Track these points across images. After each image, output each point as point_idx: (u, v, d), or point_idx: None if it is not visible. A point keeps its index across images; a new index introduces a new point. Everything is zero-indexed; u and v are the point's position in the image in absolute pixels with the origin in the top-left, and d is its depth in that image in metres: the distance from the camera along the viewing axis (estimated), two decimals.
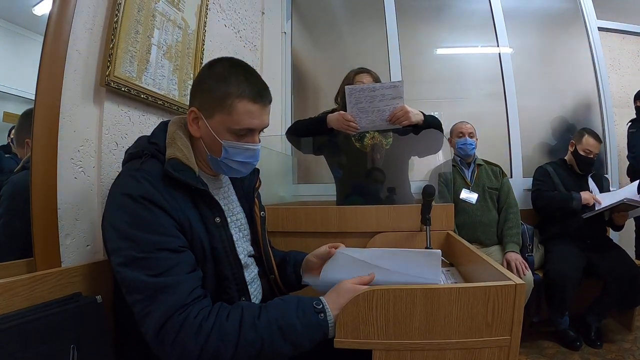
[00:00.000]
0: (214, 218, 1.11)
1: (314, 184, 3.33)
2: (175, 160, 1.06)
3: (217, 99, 1.07)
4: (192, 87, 1.17)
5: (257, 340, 0.92)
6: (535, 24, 3.72)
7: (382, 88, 1.90)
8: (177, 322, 0.89)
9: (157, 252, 0.94)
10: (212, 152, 1.14)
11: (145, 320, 0.92)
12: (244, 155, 1.14)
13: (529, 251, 2.72)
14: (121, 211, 0.98)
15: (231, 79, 1.08)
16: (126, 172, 1.06)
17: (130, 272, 0.93)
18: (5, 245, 1.14)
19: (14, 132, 1.24)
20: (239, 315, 0.95)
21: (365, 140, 2.25)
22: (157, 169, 1.05)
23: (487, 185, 2.78)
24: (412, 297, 0.92)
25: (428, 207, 1.67)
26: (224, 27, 2.39)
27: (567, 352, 2.46)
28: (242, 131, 1.10)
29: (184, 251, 1.00)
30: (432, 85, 3.69)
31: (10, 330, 0.90)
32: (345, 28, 3.87)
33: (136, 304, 0.93)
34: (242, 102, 1.07)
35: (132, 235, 0.95)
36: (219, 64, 1.13)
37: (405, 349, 0.94)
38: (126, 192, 0.98)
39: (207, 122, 1.10)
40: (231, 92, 1.07)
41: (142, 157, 1.08)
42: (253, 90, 1.09)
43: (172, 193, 1.03)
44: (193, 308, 0.92)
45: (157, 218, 0.98)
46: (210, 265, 1.09)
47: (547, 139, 3.63)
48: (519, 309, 0.92)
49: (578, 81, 3.64)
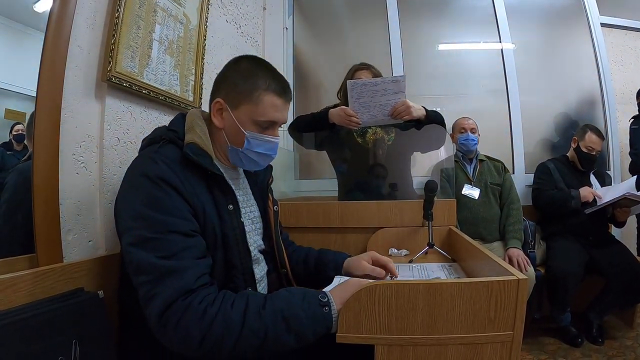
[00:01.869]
0: (227, 204, 1.13)
1: (315, 180, 3.32)
2: (194, 144, 1.09)
3: (245, 91, 1.13)
4: (216, 81, 1.21)
5: (261, 329, 0.91)
6: (537, 20, 3.70)
7: (384, 83, 1.90)
8: (181, 307, 0.89)
9: (168, 234, 0.95)
10: (233, 143, 1.17)
11: (149, 303, 0.92)
12: (264, 147, 1.18)
13: (530, 247, 2.72)
14: (136, 191, 1.00)
15: (259, 74, 1.14)
16: (144, 154, 1.09)
17: (139, 253, 0.94)
18: (7, 234, 1.15)
19: (26, 125, 1.25)
20: (244, 303, 0.95)
21: (368, 135, 2.25)
22: (174, 153, 1.08)
23: (489, 181, 2.78)
24: (414, 292, 0.92)
25: (430, 203, 1.67)
26: (226, 23, 2.39)
27: (568, 349, 2.46)
28: (266, 123, 1.15)
29: (196, 236, 1.02)
30: (434, 81, 3.68)
31: (12, 326, 0.90)
32: (347, 23, 3.85)
33: (142, 285, 0.94)
34: (268, 95, 1.13)
35: (145, 215, 0.96)
36: (244, 60, 1.19)
37: (408, 344, 0.94)
38: (143, 173, 1.00)
39: (232, 112, 1.14)
40: (259, 85, 1.12)
41: (159, 142, 1.11)
42: (279, 86, 1.15)
43: (188, 177, 1.05)
44: (198, 294, 0.93)
45: (172, 200, 0.99)
46: (220, 253, 1.09)
47: (550, 135, 3.62)
48: (521, 304, 0.92)
49: (580, 77, 3.62)
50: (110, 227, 1.41)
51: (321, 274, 1.39)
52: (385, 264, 1.30)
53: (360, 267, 1.32)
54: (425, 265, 1.56)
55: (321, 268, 1.41)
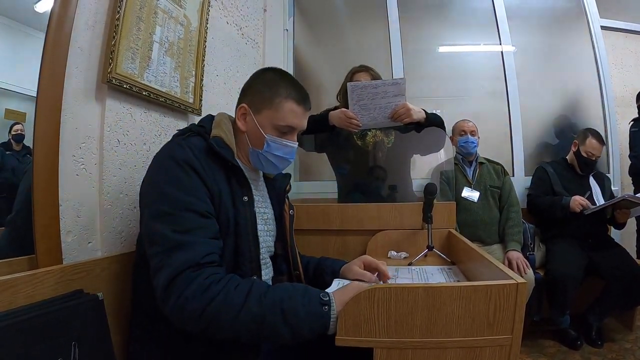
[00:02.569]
0: (242, 196, 1.19)
1: (315, 182, 3.32)
2: (219, 138, 1.18)
3: (267, 98, 1.22)
4: (243, 88, 1.30)
5: (259, 315, 0.94)
6: (537, 22, 3.70)
7: (384, 85, 1.90)
8: (188, 278, 0.95)
9: (185, 211, 1.03)
10: (254, 146, 1.25)
11: (158, 273, 0.98)
12: (283, 150, 1.25)
13: (530, 250, 2.71)
14: (162, 171, 1.09)
15: (282, 83, 1.23)
16: (172, 141, 1.19)
17: (156, 225, 1.02)
18: (24, 235, 1.15)
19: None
20: (247, 287, 0.98)
21: (368, 138, 2.25)
22: (200, 143, 1.16)
23: (488, 184, 2.78)
24: (413, 295, 0.92)
25: (430, 205, 1.68)
26: (226, 24, 2.39)
27: (567, 352, 2.46)
28: (285, 128, 1.23)
29: (210, 218, 1.08)
30: (434, 83, 3.68)
31: (12, 328, 0.90)
32: (347, 25, 3.86)
33: (154, 256, 1.01)
34: (288, 102, 1.22)
35: (167, 192, 1.04)
36: (270, 71, 1.30)
37: (407, 347, 0.94)
38: (171, 155, 1.09)
39: (254, 117, 1.23)
40: (281, 93, 1.21)
41: (186, 134, 1.19)
42: (299, 95, 1.24)
43: (210, 165, 1.12)
44: (205, 270, 0.98)
45: (193, 181, 1.07)
46: (231, 240, 1.14)
47: (549, 138, 3.62)
48: (520, 308, 0.92)
49: (580, 80, 3.62)
50: (110, 229, 1.42)
51: (318, 279, 1.42)
52: (376, 267, 1.31)
53: (352, 272, 1.33)
54: (424, 268, 1.57)
55: (318, 273, 1.44)
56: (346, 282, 1.25)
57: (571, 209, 2.64)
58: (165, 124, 1.72)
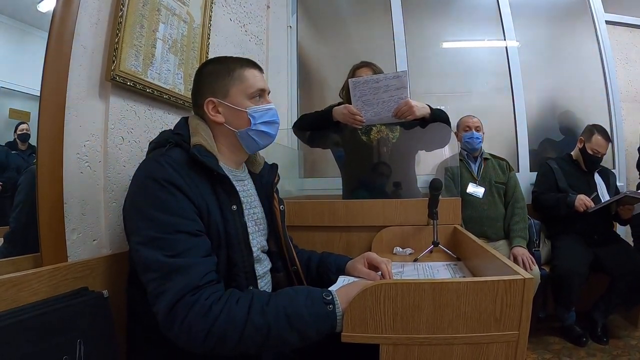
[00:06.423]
0: (230, 205, 1.15)
1: (320, 178, 3.32)
2: (201, 146, 1.13)
3: (227, 77, 1.21)
4: (193, 89, 1.28)
5: (264, 326, 0.92)
6: (542, 17, 3.68)
7: (386, 79, 1.89)
8: (189, 303, 0.91)
9: (175, 233, 0.98)
10: (240, 127, 1.23)
11: (157, 299, 0.94)
12: (267, 115, 1.25)
13: (535, 246, 2.71)
14: (143, 193, 1.03)
15: (228, 61, 1.25)
16: (151, 157, 1.12)
17: (147, 251, 0.97)
18: (25, 233, 1.15)
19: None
20: (248, 300, 0.96)
21: (372, 133, 2.24)
22: (180, 155, 1.11)
23: (494, 180, 2.77)
24: (419, 291, 0.92)
25: (435, 201, 1.67)
26: (230, 21, 2.38)
27: (573, 348, 2.46)
28: (256, 92, 1.24)
29: (201, 236, 1.04)
30: (439, 79, 3.66)
31: (17, 325, 0.91)
32: (351, 21, 3.85)
33: (150, 282, 0.97)
34: (245, 69, 1.23)
35: (152, 216, 0.99)
36: (208, 63, 1.30)
37: (413, 344, 0.94)
38: (150, 175, 1.04)
39: (225, 101, 1.21)
40: (235, 67, 1.23)
41: (166, 146, 1.14)
42: (247, 61, 1.26)
43: (193, 178, 1.08)
44: (205, 291, 0.95)
45: (178, 201, 1.02)
46: (224, 251, 1.11)
47: (555, 134, 3.60)
48: (527, 303, 0.91)
49: (585, 75, 3.60)
50: (115, 226, 1.42)
51: (323, 277, 1.40)
52: (378, 265, 1.30)
53: (357, 271, 1.33)
54: (430, 264, 1.56)
55: (322, 271, 1.42)
56: (352, 279, 1.25)
57: (576, 208, 2.62)
58: (169, 121, 1.71)
